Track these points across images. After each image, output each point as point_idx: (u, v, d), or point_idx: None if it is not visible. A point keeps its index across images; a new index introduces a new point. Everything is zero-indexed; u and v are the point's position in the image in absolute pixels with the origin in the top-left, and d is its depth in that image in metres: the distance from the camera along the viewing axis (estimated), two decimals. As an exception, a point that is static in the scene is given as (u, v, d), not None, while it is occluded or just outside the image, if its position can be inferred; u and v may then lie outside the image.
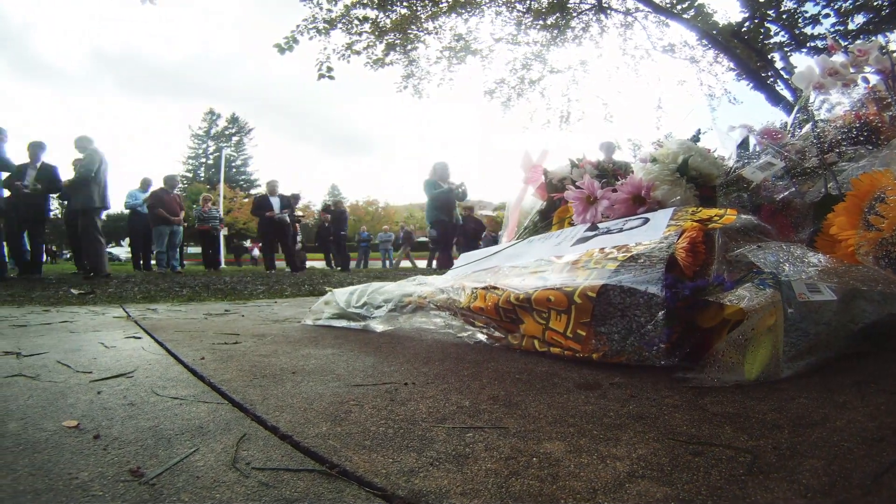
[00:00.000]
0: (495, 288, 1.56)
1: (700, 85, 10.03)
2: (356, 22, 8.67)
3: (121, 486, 0.66)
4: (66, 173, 7.17)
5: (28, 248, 6.93)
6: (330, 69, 8.59)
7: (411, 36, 9.13)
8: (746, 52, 8.87)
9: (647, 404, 0.98)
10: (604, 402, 1.01)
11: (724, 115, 10.01)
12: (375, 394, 1.09)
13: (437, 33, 9.38)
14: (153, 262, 10.32)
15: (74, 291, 4.11)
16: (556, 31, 9.83)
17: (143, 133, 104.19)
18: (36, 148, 6.91)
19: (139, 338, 1.84)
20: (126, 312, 2.68)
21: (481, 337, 1.69)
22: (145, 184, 9.98)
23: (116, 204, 11.98)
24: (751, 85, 8.90)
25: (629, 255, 1.35)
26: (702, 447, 0.76)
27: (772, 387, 1.05)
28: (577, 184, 1.94)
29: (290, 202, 10.64)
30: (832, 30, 7.93)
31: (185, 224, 11.31)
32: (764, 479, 0.65)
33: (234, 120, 57.80)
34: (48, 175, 6.89)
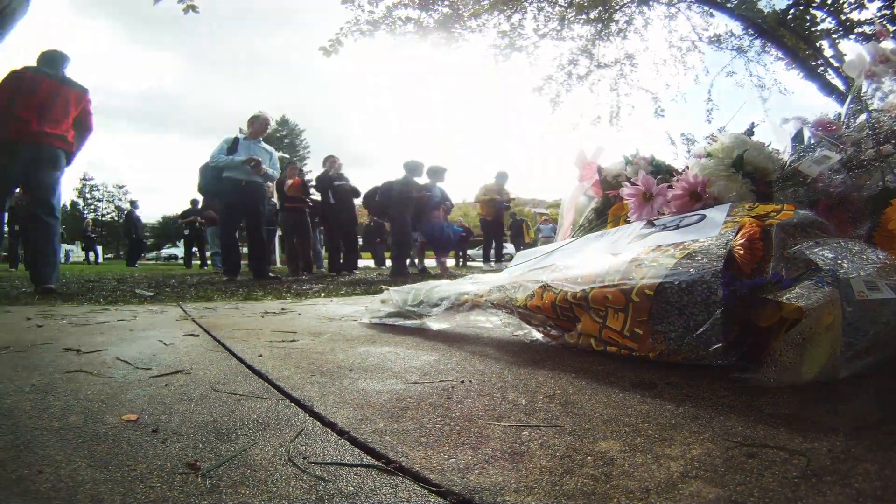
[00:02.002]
0: (552, 286, 1.56)
1: (749, 76, 9.73)
2: (399, 22, 8.70)
3: (178, 479, 0.68)
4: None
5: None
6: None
7: (455, 34, 9.10)
8: (794, 40, 8.54)
9: (702, 404, 0.97)
10: (659, 401, 1.00)
11: (775, 107, 9.69)
12: (432, 391, 1.11)
13: (480, 31, 9.34)
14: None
15: (138, 292, 4.25)
16: (599, 25, 9.68)
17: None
18: None
19: (197, 335, 1.89)
20: (184, 311, 2.75)
21: (538, 335, 1.69)
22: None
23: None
24: (801, 74, 8.58)
25: (686, 252, 1.32)
26: (756, 449, 0.75)
27: (828, 388, 1.03)
28: (632, 181, 1.91)
29: None
30: (879, 14, 7.59)
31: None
32: (817, 483, 0.64)
33: (284, 122, 58.76)
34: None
